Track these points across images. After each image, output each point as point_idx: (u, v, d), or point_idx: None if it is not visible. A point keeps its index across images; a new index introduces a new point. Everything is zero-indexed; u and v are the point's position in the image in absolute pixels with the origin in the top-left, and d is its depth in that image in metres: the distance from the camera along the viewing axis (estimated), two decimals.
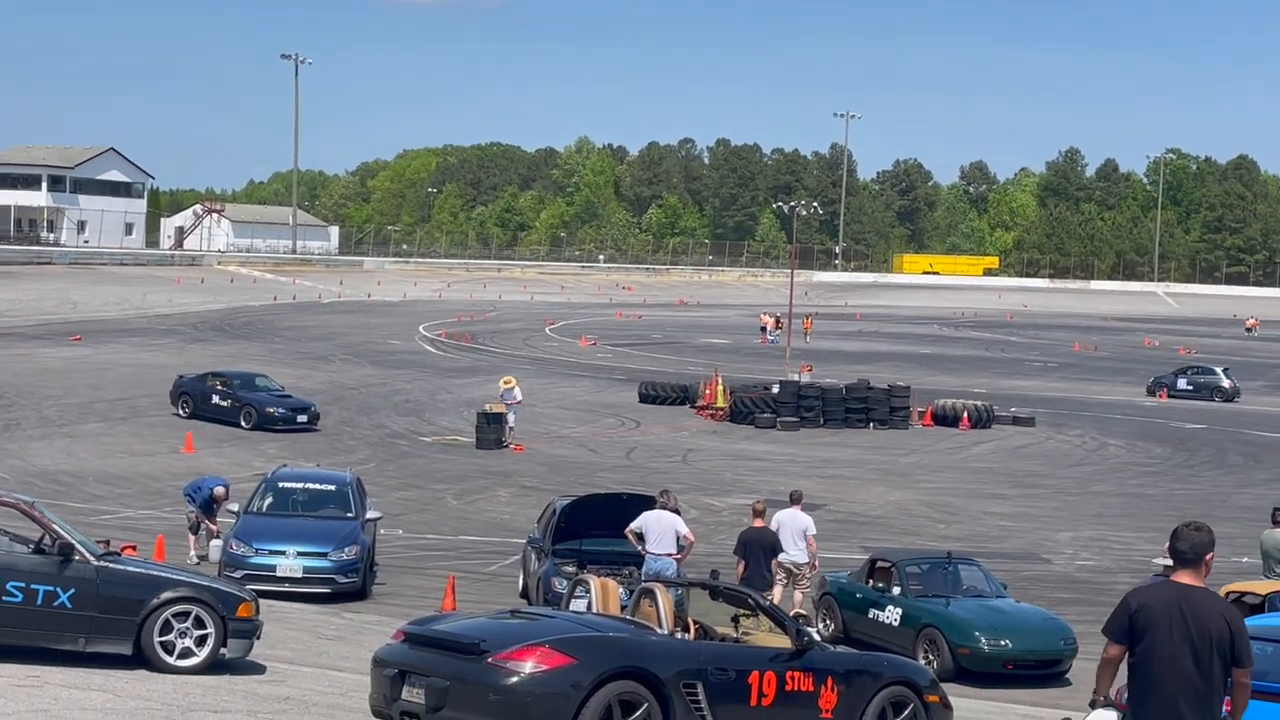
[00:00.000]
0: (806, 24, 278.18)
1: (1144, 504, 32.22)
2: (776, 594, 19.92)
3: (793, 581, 19.88)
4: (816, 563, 20.19)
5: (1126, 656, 7.59)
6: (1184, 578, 7.53)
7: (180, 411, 38.27)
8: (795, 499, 20.42)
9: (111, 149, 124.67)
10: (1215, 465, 39.10)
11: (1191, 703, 7.31)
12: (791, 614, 13.42)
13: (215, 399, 37.86)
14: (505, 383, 38.03)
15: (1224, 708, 7.54)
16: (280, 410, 37.25)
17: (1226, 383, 55.18)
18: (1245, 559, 25.14)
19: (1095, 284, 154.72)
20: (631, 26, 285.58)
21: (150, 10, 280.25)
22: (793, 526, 19.85)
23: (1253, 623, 10.64)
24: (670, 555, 17.94)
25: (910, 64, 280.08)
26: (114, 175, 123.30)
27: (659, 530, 18.07)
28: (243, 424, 36.91)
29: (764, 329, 79.40)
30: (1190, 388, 55.33)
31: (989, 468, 37.03)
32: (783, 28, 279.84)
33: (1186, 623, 7.34)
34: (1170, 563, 11.56)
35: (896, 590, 18.50)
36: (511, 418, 36.73)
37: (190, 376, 39.84)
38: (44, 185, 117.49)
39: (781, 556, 19.70)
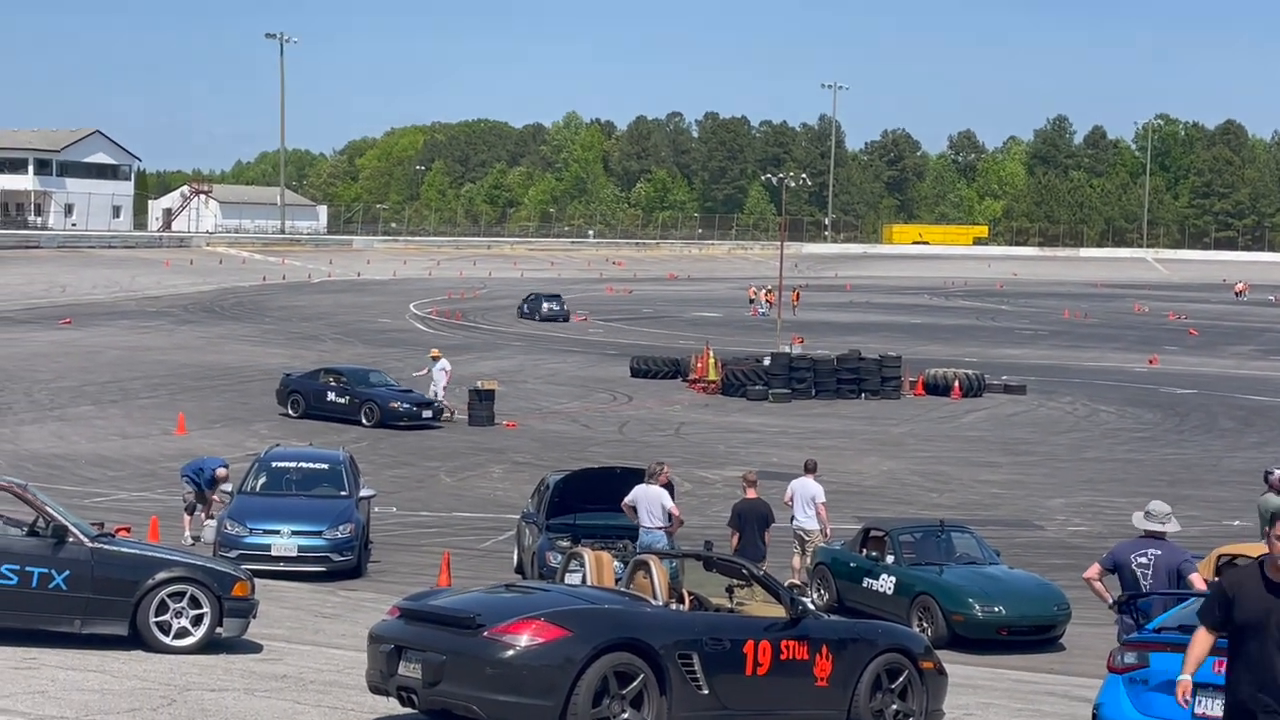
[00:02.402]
0: None
1: (1135, 469, 32.32)
2: (796, 562, 20.17)
3: (803, 548, 20.15)
4: (829, 530, 20.36)
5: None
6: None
7: (290, 411, 35.86)
8: (809, 468, 20.71)
9: (97, 131, 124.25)
10: (1205, 430, 39.21)
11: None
12: (786, 584, 13.46)
13: (331, 396, 35.64)
14: (433, 355, 38.20)
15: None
16: (404, 406, 35.17)
17: (557, 306, 69.42)
18: (1237, 522, 25.28)
19: (1084, 251, 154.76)
20: (618, 1, 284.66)
21: None
22: (803, 494, 20.17)
23: None
24: (660, 528, 18.03)
25: (897, 33, 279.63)
26: (100, 158, 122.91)
27: (647, 503, 18.18)
28: (364, 421, 34.72)
29: (752, 301, 79.57)
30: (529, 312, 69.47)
31: (981, 436, 37.12)
32: None
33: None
34: (1153, 526, 11.71)
35: (890, 559, 18.57)
36: (435, 390, 36.85)
37: (299, 374, 37.59)
38: (30, 169, 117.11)
39: (794, 524, 20.00)
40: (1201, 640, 7.56)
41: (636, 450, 31.75)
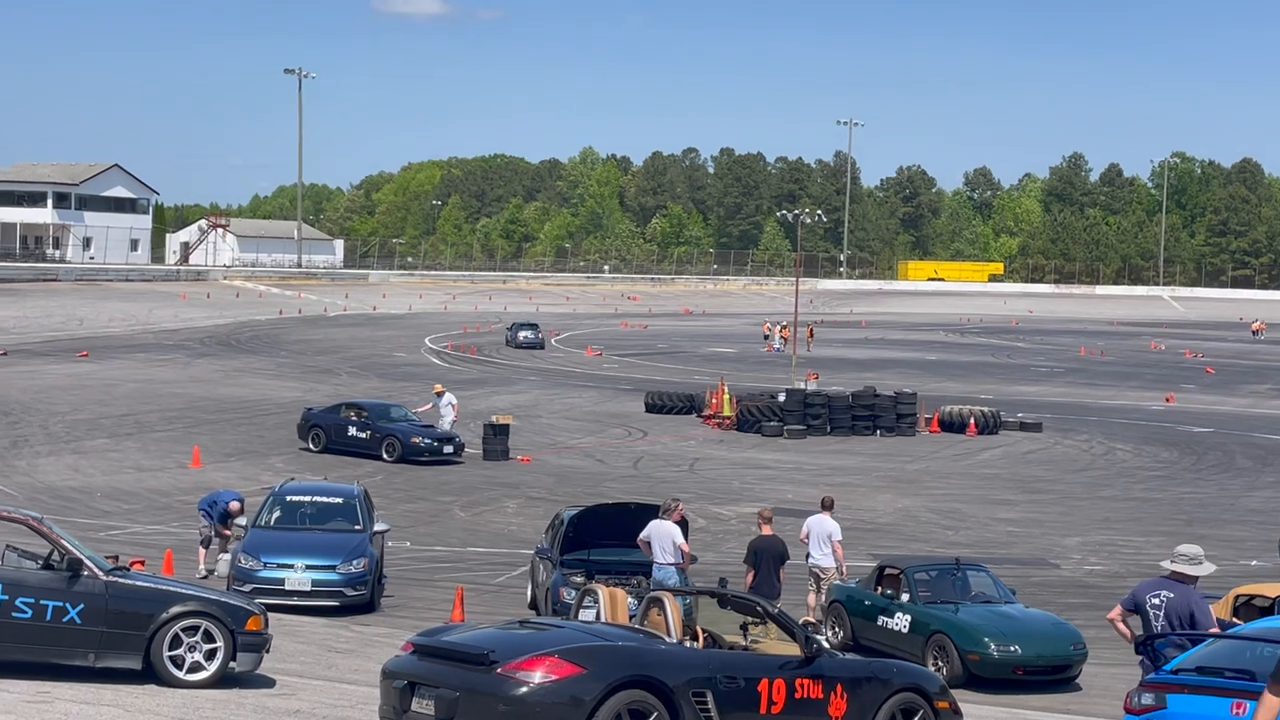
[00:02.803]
0: (808, 31, 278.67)
1: (1152, 508, 32.18)
2: (811, 599, 20.10)
3: (819, 585, 20.08)
4: (845, 568, 20.30)
5: None
6: None
7: (311, 446, 35.76)
8: (826, 504, 20.68)
9: (116, 165, 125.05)
10: (1223, 469, 39.04)
11: None
12: (801, 621, 13.39)
13: (352, 431, 35.46)
14: (437, 390, 38.15)
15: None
16: (425, 441, 34.98)
17: (531, 334, 74.01)
18: (1255, 562, 25.15)
19: (1100, 289, 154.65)
20: (633, 37, 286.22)
21: (153, 26, 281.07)
22: (819, 531, 20.14)
23: (1265, 624, 10.63)
24: (672, 564, 18.01)
25: (913, 70, 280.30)
26: (119, 192, 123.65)
27: (660, 539, 18.18)
28: (385, 456, 34.66)
29: (766, 337, 79.71)
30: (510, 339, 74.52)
31: (996, 474, 37.01)
32: (785, 35, 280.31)
33: None
34: (1177, 567, 11.57)
35: (905, 597, 18.49)
36: (444, 426, 36.81)
37: (320, 409, 37.45)
38: (49, 202, 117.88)
39: (810, 561, 19.94)
40: (1270, 705, 6.94)
41: (651, 486, 31.72)
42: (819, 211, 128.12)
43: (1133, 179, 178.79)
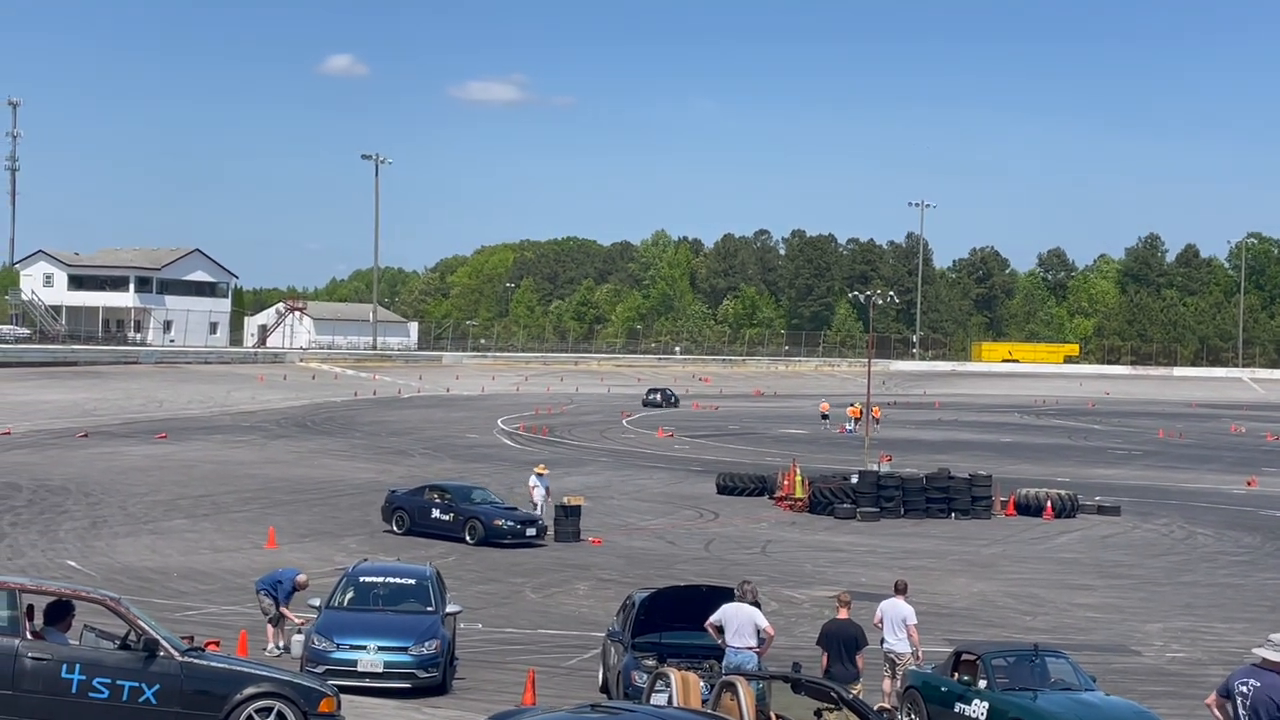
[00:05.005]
0: (879, 113, 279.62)
1: (1234, 594, 31.54)
2: (887, 685, 19.81)
3: (894, 671, 19.79)
4: (921, 653, 20.00)
5: None
6: None
7: (395, 528, 35.98)
8: (899, 588, 20.39)
9: (197, 250, 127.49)
10: None
11: None
12: (876, 708, 13.21)
13: (435, 513, 35.67)
14: (539, 471, 38.51)
15: None
16: (508, 523, 35.05)
17: (658, 396, 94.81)
18: None
19: (1178, 370, 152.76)
20: (704, 120, 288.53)
21: (234, 114, 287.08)
22: (893, 615, 19.85)
23: None
24: (750, 648, 17.78)
25: (985, 151, 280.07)
26: (199, 276, 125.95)
27: (738, 623, 17.93)
28: (468, 539, 34.73)
29: (825, 416, 79.68)
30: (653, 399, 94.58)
31: (1074, 558, 36.46)
32: (855, 117, 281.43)
33: None
34: (1265, 654, 11.27)
35: (982, 683, 18.19)
36: (536, 505, 37.47)
37: (404, 491, 37.51)
38: (131, 286, 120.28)
39: (884, 646, 19.74)
40: None
41: (723, 568, 31.53)
42: (891, 293, 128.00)
43: (1209, 259, 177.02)
